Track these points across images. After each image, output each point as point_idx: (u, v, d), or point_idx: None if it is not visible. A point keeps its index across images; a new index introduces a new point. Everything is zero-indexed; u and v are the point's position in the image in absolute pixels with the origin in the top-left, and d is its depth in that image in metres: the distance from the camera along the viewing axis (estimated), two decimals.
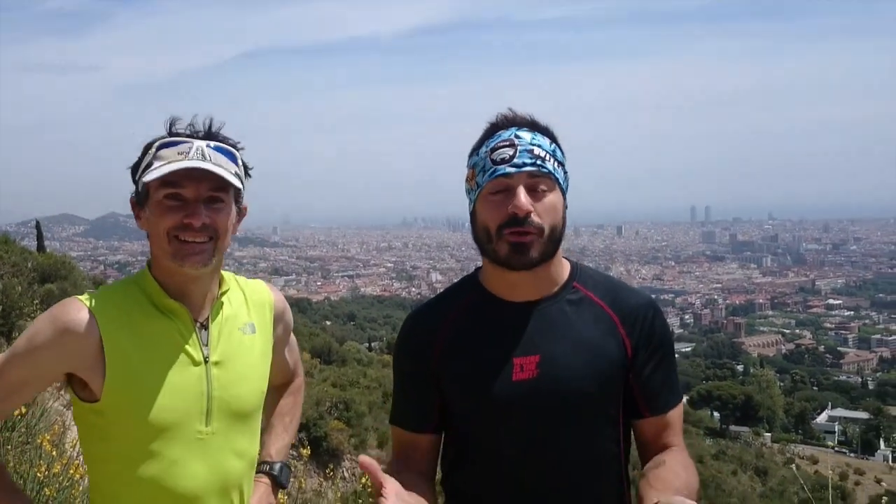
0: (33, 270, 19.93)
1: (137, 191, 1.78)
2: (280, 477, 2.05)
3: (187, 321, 1.78)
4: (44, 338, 1.69)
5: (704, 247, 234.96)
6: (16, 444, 4.31)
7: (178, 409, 1.73)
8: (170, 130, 1.76)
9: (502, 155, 1.72)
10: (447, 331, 1.85)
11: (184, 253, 1.71)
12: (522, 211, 1.69)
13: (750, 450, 42.09)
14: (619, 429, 1.82)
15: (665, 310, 56.34)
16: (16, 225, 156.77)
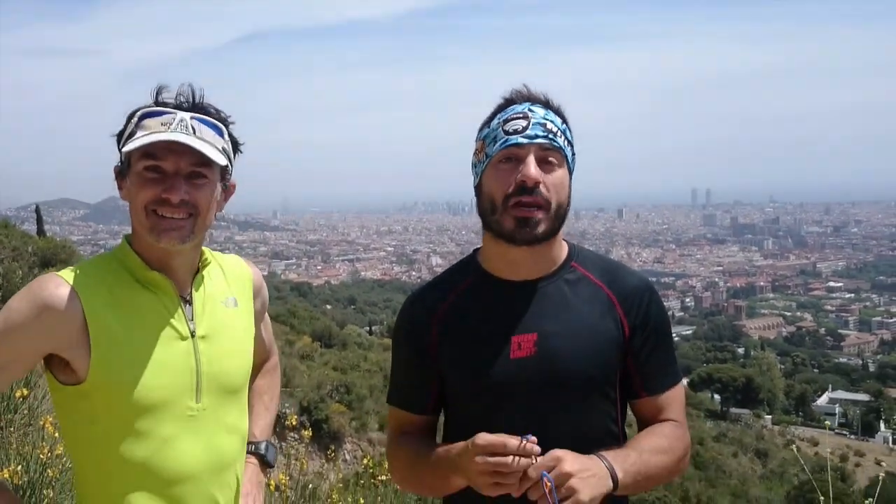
0: (33, 255, 19.93)
1: (121, 160, 1.72)
2: (267, 455, 2.03)
3: (171, 294, 1.73)
4: (22, 317, 1.60)
5: (705, 230, 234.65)
6: (18, 425, 4.32)
7: (167, 385, 1.67)
8: (156, 99, 1.70)
9: (515, 126, 1.72)
10: (445, 312, 1.86)
11: (161, 228, 1.65)
12: (531, 180, 1.69)
13: (750, 432, 42.24)
14: (616, 407, 1.84)
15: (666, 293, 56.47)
16: (15, 209, 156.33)
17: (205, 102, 1.73)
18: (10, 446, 3.94)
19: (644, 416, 1.86)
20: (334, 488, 5.04)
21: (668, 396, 1.84)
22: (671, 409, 1.84)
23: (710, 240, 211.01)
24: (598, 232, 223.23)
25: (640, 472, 1.66)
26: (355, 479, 6.72)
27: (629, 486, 1.63)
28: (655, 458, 1.71)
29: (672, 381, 1.86)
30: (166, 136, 1.63)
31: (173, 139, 1.62)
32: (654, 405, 1.84)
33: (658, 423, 1.82)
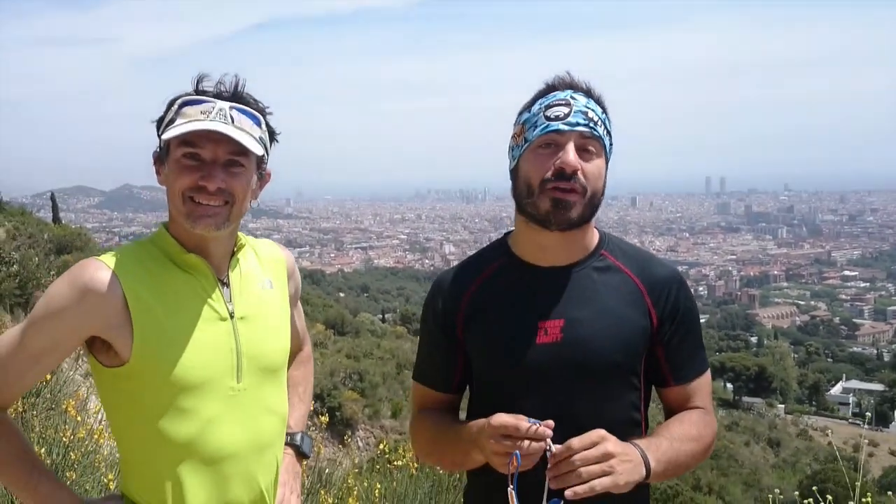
0: (49, 241, 20.11)
1: (160, 147, 1.74)
2: (302, 446, 2.06)
3: (209, 276, 1.76)
4: (64, 300, 1.63)
5: (719, 218, 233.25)
6: (41, 409, 4.38)
7: (209, 365, 1.71)
8: (196, 88, 1.73)
9: (556, 112, 1.73)
10: (473, 294, 1.88)
11: (197, 214, 1.68)
12: (570, 167, 1.70)
13: (763, 421, 42.12)
14: (640, 395, 1.85)
15: None
16: (31, 197, 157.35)
17: (244, 92, 1.75)
18: (33, 429, 4.00)
19: (671, 404, 1.88)
20: (349, 473, 5.09)
21: (696, 384, 1.87)
22: (699, 397, 1.86)
23: (723, 228, 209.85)
24: (612, 220, 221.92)
25: (671, 460, 1.69)
26: (370, 464, 6.77)
27: (660, 474, 1.67)
28: (686, 447, 1.74)
29: (700, 369, 1.88)
30: (205, 124, 1.65)
31: (212, 128, 1.65)
32: (683, 393, 1.86)
33: (686, 411, 1.84)
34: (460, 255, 16.39)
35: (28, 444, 1.79)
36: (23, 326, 1.68)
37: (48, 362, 1.71)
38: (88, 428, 4.13)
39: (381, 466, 5.47)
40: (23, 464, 1.70)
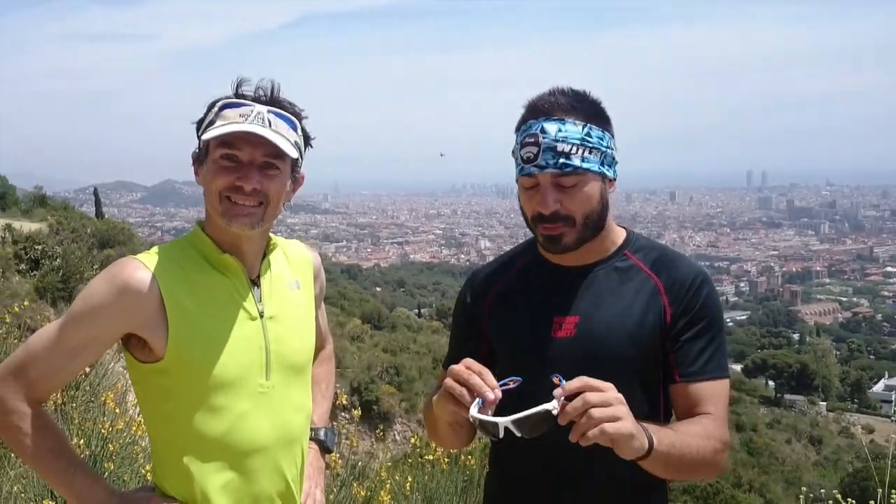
0: (92, 236, 20.50)
1: (199, 147, 1.79)
2: (326, 441, 2.11)
3: (242, 277, 1.81)
4: (102, 298, 1.69)
5: (761, 213, 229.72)
6: (80, 402, 4.47)
7: (241, 363, 1.76)
8: (235, 91, 1.77)
9: (527, 154, 1.76)
10: (499, 290, 1.95)
11: (232, 213, 1.73)
12: (547, 211, 1.76)
13: (804, 419, 41.53)
14: (657, 395, 1.84)
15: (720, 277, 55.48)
16: (74, 191, 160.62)
17: (281, 97, 1.79)
18: (72, 421, 4.08)
19: (679, 405, 1.81)
20: (383, 466, 5.12)
21: (707, 388, 1.78)
22: (710, 403, 1.77)
23: (765, 223, 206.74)
24: (650, 215, 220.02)
25: (675, 445, 1.62)
26: (404, 458, 6.80)
27: (661, 456, 1.59)
28: (691, 440, 1.67)
29: (713, 372, 1.79)
30: (243, 126, 1.70)
31: (250, 130, 1.69)
32: (691, 394, 1.78)
33: (696, 416, 1.76)
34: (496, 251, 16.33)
35: (65, 437, 1.84)
36: (61, 323, 1.73)
37: (85, 358, 1.77)
38: (127, 420, 4.21)
39: (413, 460, 5.50)
40: (59, 457, 1.75)
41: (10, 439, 1.77)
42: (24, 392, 1.71)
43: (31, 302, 10.98)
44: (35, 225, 20.18)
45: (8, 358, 1.78)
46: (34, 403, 1.73)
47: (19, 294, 12.10)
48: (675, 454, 1.63)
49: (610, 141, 1.82)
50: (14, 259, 15.29)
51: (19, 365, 1.73)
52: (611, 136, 1.83)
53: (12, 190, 35.25)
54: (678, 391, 1.81)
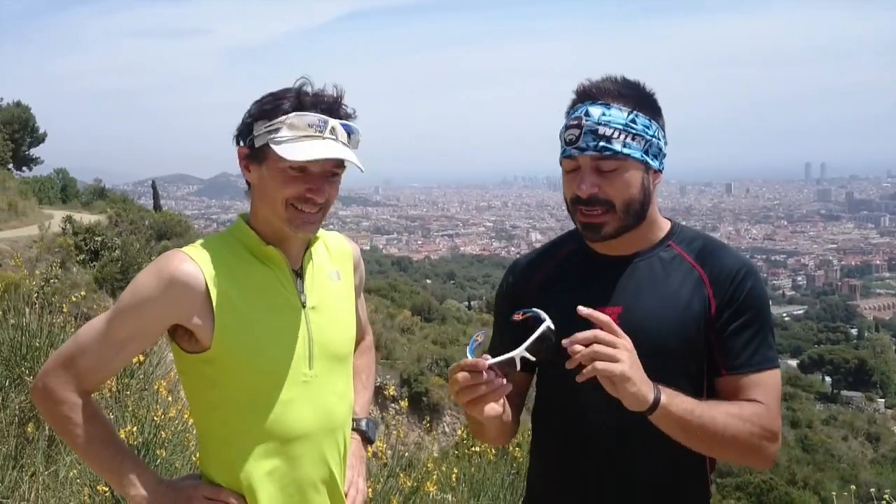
0: (150, 228, 20.95)
1: (253, 143, 1.78)
2: (368, 432, 2.13)
3: (285, 269, 1.83)
4: (150, 291, 1.72)
5: (819, 205, 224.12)
6: (134, 389, 4.58)
7: (285, 353, 1.79)
8: (299, 96, 1.76)
9: (569, 136, 1.77)
10: (541, 280, 1.94)
11: (299, 221, 1.76)
12: (584, 194, 1.75)
13: (862, 415, 40.52)
14: (700, 387, 1.80)
15: (777, 271, 54.27)
16: (133, 184, 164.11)
17: (341, 101, 1.80)
18: (126, 409, 4.18)
19: (723, 395, 1.78)
20: (430, 457, 5.14)
21: (755, 379, 1.75)
22: (756, 392, 1.74)
23: (823, 216, 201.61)
24: (705, 207, 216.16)
25: (695, 413, 1.62)
26: (453, 449, 6.83)
27: (675, 419, 1.61)
28: (718, 415, 1.65)
29: (760, 364, 1.76)
30: (323, 147, 1.71)
31: (332, 156, 1.72)
32: (737, 387, 1.75)
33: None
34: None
35: (113, 427, 1.88)
36: (109, 315, 1.77)
37: (132, 349, 1.81)
38: (179, 407, 4.30)
39: (460, 452, 5.52)
40: (108, 446, 1.79)
41: (60, 429, 1.81)
42: (73, 383, 1.75)
43: (90, 292, 11.27)
44: (95, 217, 20.68)
45: (58, 349, 1.83)
46: (83, 394, 1.77)
47: (79, 284, 12.42)
48: (695, 422, 1.63)
49: (657, 131, 1.80)
50: (74, 250, 15.69)
51: (69, 356, 1.77)
52: (659, 126, 1.81)
53: (73, 182, 36.23)
54: (724, 385, 1.78)
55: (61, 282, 10.05)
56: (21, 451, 3.93)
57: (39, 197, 27.41)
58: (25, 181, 30.12)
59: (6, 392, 4.39)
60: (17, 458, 3.86)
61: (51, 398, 1.76)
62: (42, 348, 4.70)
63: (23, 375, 4.43)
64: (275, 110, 1.74)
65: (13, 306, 5.26)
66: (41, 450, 3.95)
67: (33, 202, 23.80)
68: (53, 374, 1.76)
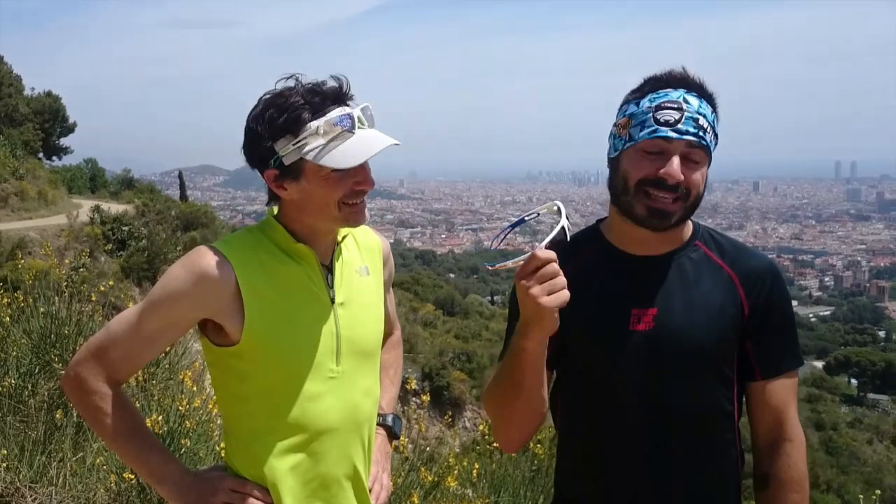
0: (176, 218, 21.14)
1: (281, 162, 1.74)
2: (394, 427, 2.13)
3: (314, 264, 1.84)
4: (180, 285, 1.73)
5: (849, 205, 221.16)
6: (160, 379, 4.63)
7: (313, 348, 1.80)
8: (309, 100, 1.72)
9: (667, 117, 1.70)
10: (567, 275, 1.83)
11: (355, 215, 1.78)
12: (673, 179, 1.69)
13: (888, 419, 40.00)
14: (732, 388, 1.81)
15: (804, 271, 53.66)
16: (160, 175, 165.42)
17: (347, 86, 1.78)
18: (152, 398, 4.22)
19: (756, 399, 1.83)
20: (451, 452, 5.15)
21: (789, 384, 1.81)
22: (785, 395, 1.81)
23: (853, 216, 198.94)
24: (732, 205, 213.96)
25: None
26: (472, 445, 6.84)
27: None
28: None
29: (791, 365, 1.82)
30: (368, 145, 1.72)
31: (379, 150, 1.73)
32: (770, 389, 1.80)
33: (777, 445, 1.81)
34: None
35: (141, 417, 1.90)
36: (140, 308, 1.78)
37: (163, 342, 1.83)
38: (204, 397, 4.34)
39: (482, 447, 5.52)
40: (136, 436, 1.81)
41: (89, 418, 1.84)
42: (104, 373, 1.78)
43: (118, 281, 11.40)
44: (122, 206, 20.91)
45: (89, 340, 1.85)
46: (114, 384, 1.80)
47: (106, 273, 12.56)
48: None
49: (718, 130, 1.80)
50: (102, 239, 15.87)
51: (100, 346, 1.79)
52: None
53: (101, 172, 36.64)
54: (758, 387, 1.81)
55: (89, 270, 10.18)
56: (49, 436, 3.99)
57: (69, 186, 27.78)
58: (55, 170, 30.50)
59: (36, 378, 4.46)
60: (45, 443, 3.92)
61: (82, 388, 1.78)
62: (71, 336, 4.76)
63: (52, 362, 4.50)
64: (296, 124, 1.70)
65: (43, 294, 5.34)
66: (69, 436, 4.01)
67: (63, 191, 24.11)
68: (85, 364, 1.78)
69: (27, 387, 4.36)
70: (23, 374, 4.46)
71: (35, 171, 23.89)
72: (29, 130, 30.79)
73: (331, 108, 1.73)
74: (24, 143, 27.95)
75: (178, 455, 3.72)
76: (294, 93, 1.73)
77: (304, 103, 1.71)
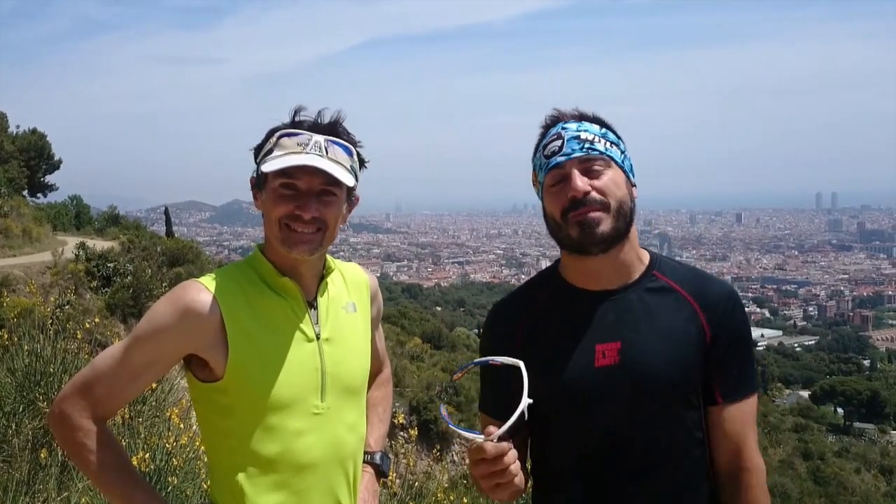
0: (162, 254, 21.02)
1: (257, 174, 1.85)
2: (382, 465, 2.12)
3: (299, 299, 1.85)
4: (166, 320, 1.74)
5: (830, 235, 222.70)
6: (147, 416, 4.60)
7: (297, 384, 1.80)
8: (293, 120, 1.83)
9: (552, 148, 1.80)
10: (527, 322, 1.90)
11: (293, 240, 1.79)
12: (579, 193, 1.75)
13: (875, 447, 39.99)
14: (699, 413, 1.83)
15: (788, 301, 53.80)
16: (146, 211, 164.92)
17: (339, 124, 1.85)
18: (138, 435, 4.20)
19: (716, 423, 1.83)
20: (440, 487, 5.13)
21: (748, 406, 1.84)
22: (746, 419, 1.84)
23: (835, 246, 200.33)
24: (715, 237, 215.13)
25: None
26: (460, 478, 6.80)
27: None
28: None
29: (749, 389, 1.85)
30: (301, 158, 1.76)
31: (308, 163, 1.75)
32: (730, 414, 1.82)
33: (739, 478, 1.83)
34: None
35: (126, 454, 1.90)
36: (125, 344, 1.79)
37: (148, 378, 1.83)
38: (191, 435, 4.32)
39: (470, 481, 5.50)
40: (121, 473, 1.81)
41: (74, 455, 1.83)
42: (89, 410, 1.78)
43: (103, 318, 11.31)
44: (108, 243, 20.80)
45: (74, 376, 1.85)
46: (99, 421, 1.79)
47: (91, 310, 12.47)
48: None
49: (626, 150, 1.86)
50: (87, 276, 15.77)
51: (85, 383, 1.79)
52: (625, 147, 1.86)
53: (87, 209, 36.45)
54: (719, 413, 1.82)
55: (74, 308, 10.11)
56: (34, 476, 3.95)
57: (54, 223, 27.61)
58: (40, 207, 30.34)
59: (20, 417, 4.43)
60: (29, 483, 3.88)
61: (66, 424, 1.78)
62: (56, 374, 4.74)
63: (36, 401, 4.47)
64: (270, 136, 1.82)
65: (27, 331, 5.31)
66: (54, 476, 3.98)
67: (48, 228, 23.95)
68: (70, 401, 1.78)
69: (11, 426, 4.32)
70: (7, 414, 4.43)
71: (20, 209, 23.75)
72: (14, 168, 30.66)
73: (307, 132, 1.80)
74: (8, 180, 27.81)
75: (164, 493, 3.69)
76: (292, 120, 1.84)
77: (291, 125, 1.81)
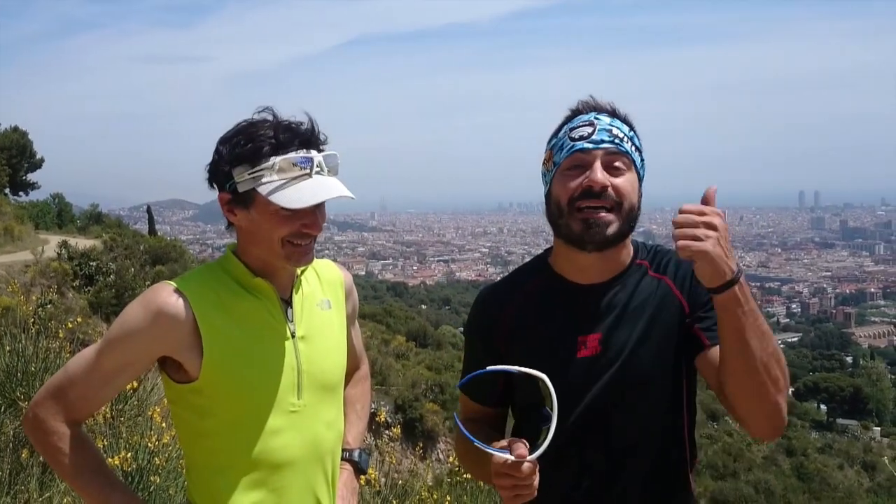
0: (145, 253, 20.90)
1: (235, 188, 1.75)
2: (361, 462, 2.12)
3: (274, 299, 1.84)
4: (138, 323, 1.73)
5: (813, 233, 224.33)
6: (128, 416, 4.58)
7: (273, 383, 1.79)
8: (276, 136, 1.74)
9: (581, 133, 1.77)
10: (513, 311, 1.91)
11: (298, 255, 1.78)
12: (598, 184, 1.73)
13: (857, 444, 40.35)
14: (682, 399, 1.84)
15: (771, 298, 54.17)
16: (128, 209, 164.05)
17: (317, 131, 1.79)
18: (120, 435, 4.18)
19: (710, 362, 1.77)
20: (424, 485, 5.13)
21: None
22: None
23: (818, 244, 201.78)
24: None
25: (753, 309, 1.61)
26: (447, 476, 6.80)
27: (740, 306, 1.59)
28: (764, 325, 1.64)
29: None
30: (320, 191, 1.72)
31: (326, 198, 1.73)
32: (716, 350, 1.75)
33: None
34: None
35: (102, 457, 1.89)
36: (98, 347, 1.78)
37: (122, 381, 1.82)
38: (173, 434, 4.29)
39: (454, 479, 5.51)
40: (97, 475, 1.80)
41: (49, 459, 1.82)
42: (63, 413, 1.77)
43: (85, 317, 11.24)
44: (90, 242, 20.64)
45: (48, 380, 1.84)
46: (73, 424, 1.78)
47: (74, 309, 12.38)
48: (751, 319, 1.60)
49: (644, 157, 1.85)
50: (69, 275, 15.66)
51: (58, 387, 1.78)
52: (644, 155, 1.85)
53: (69, 207, 36.21)
54: (707, 354, 1.78)
55: (56, 307, 10.03)
56: (15, 477, 3.93)
57: (36, 222, 27.38)
58: (22, 206, 30.07)
59: (1, 417, 4.39)
60: (10, 483, 3.86)
61: (41, 428, 1.77)
62: (37, 373, 4.71)
63: (18, 401, 4.43)
64: (256, 155, 1.72)
65: (8, 331, 5.27)
66: (35, 476, 3.95)
67: (29, 227, 23.75)
68: (43, 405, 1.77)
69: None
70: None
71: (1, 207, 23.56)
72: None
73: (296, 148, 1.75)
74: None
75: (147, 493, 3.68)
76: (267, 126, 1.75)
77: (272, 137, 1.73)
